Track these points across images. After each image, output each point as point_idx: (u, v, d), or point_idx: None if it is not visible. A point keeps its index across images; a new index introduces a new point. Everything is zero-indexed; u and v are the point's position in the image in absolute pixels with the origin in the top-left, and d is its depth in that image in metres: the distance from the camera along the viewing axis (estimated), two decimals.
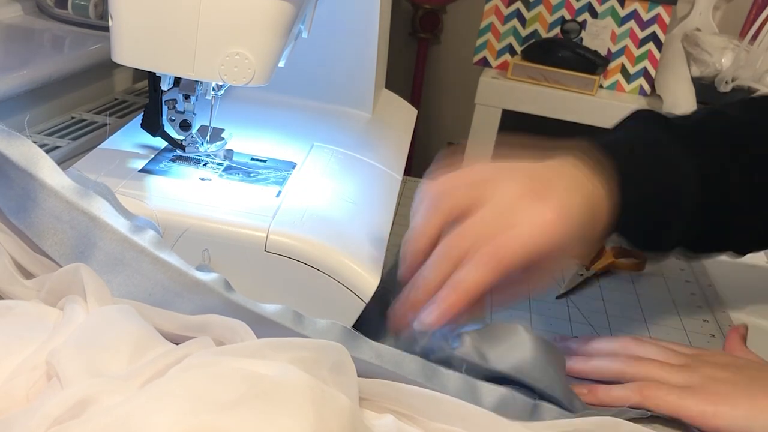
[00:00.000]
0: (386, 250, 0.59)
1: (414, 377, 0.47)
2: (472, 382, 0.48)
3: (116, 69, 0.99)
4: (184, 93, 0.62)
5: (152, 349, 0.43)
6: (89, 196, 0.49)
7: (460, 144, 1.85)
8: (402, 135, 0.83)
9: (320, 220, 0.56)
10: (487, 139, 1.55)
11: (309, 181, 0.63)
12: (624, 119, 0.64)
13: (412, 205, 0.54)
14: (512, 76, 1.52)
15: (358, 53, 0.78)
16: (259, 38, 0.55)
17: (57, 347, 0.41)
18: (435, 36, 1.97)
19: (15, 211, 0.50)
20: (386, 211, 0.64)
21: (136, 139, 0.65)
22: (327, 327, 0.47)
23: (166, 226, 0.53)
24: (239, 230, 0.53)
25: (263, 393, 0.38)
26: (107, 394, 0.38)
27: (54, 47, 0.94)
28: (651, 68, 1.53)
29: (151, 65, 0.56)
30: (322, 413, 0.38)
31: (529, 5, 1.57)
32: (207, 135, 0.64)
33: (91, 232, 0.48)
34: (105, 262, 0.48)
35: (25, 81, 0.80)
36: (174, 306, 0.48)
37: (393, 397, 0.46)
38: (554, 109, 1.50)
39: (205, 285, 0.47)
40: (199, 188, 0.59)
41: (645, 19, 1.53)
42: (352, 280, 0.53)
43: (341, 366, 0.43)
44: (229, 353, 0.42)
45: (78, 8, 0.99)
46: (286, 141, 0.70)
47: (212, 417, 0.36)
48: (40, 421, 0.36)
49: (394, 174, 0.71)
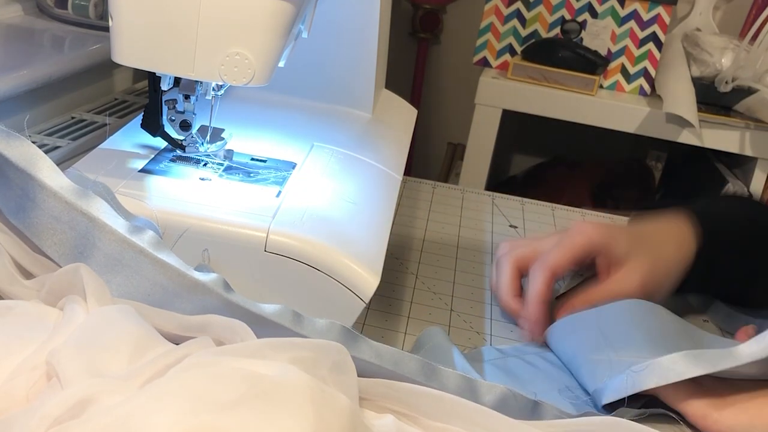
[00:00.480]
0: (386, 250, 0.59)
1: (413, 376, 0.47)
2: (471, 380, 0.48)
3: (116, 69, 0.99)
4: (184, 93, 0.62)
5: (152, 349, 0.43)
6: (88, 197, 0.49)
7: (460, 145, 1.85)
8: (402, 135, 0.83)
9: (320, 220, 0.56)
10: (487, 139, 1.55)
11: (309, 181, 0.63)
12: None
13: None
14: (512, 76, 1.52)
15: (358, 53, 0.78)
16: (259, 38, 0.55)
17: (57, 347, 0.41)
18: (435, 36, 1.97)
19: (14, 212, 0.50)
20: (386, 211, 0.64)
21: (136, 139, 0.65)
22: (326, 327, 0.47)
23: (166, 226, 0.53)
24: (239, 230, 0.53)
25: (263, 393, 0.38)
26: (107, 394, 0.38)
27: (54, 47, 0.94)
28: (651, 68, 1.53)
29: (151, 65, 0.56)
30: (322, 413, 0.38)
31: (529, 5, 1.57)
32: (207, 135, 0.64)
33: (90, 232, 0.48)
34: (104, 263, 0.48)
35: (25, 81, 0.80)
36: (173, 306, 0.48)
37: (393, 396, 0.46)
38: (554, 109, 1.50)
39: (204, 285, 0.47)
40: (199, 188, 0.59)
41: (645, 19, 1.53)
42: (352, 280, 0.53)
43: (341, 366, 0.43)
44: (229, 353, 0.42)
45: (78, 8, 0.99)
46: (286, 141, 0.70)
47: (212, 417, 0.36)
48: (40, 421, 0.36)
49: (394, 174, 0.71)
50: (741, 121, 1.44)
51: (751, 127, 1.44)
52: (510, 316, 0.67)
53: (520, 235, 0.85)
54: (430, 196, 0.92)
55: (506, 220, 0.88)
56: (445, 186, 0.96)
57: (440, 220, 0.86)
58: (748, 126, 1.44)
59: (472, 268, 0.76)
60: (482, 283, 0.73)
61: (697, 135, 1.44)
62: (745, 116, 1.45)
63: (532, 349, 0.62)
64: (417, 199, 0.91)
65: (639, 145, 1.86)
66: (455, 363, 0.55)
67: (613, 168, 1.77)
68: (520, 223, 0.88)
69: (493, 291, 0.69)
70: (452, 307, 0.69)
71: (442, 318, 0.67)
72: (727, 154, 1.49)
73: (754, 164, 1.47)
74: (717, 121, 1.44)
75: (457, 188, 0.95)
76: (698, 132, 1.43)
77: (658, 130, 1.47)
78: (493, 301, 0.70)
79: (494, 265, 0.69)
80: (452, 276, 0.74)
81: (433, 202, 0.90)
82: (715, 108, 1.46)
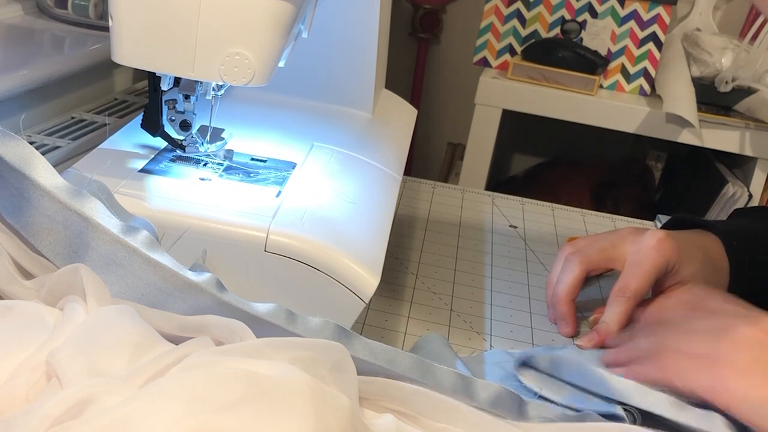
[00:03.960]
0: (386, 250, 0.59)
1: (408, 374, 0.47)
2: (466, 378, 0.48)
3: (116, 69, 0.99)
4: (184, 93, 0.62)
5: (152, 349, 0.43)
6: (82, 197, 0.49)
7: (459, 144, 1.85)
8: (402, 135, 0.83)
9: (320, 220, 0.56)
10: (487, 139, 1.55)
11: (309, 181, 0.63)
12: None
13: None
14: (512, 76, 1.52)
15: (358, 53, 0.78)
16: (259, 38, 0.55)
17: (57, 347, 0.41)
18: (435, 36, 1.97)
19: (11, 211, 0.50)
20: (386, 211, 0.64)
21: (136, 139, 0.65)
22: (320, 325, 0.47)
23: (166, 226, 0.53)
24: (239, 230, 0.53)
25: (263, 393, 0.38)
26: (107, 394, 0.38)
27: (54, 47, 0.94)
28: (651, 68, 1.53)
29: (151, 65, 0.56)
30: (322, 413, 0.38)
31: (529, 5, 1.57)
32: (207, 135, 0.64)
33: (84, 232, 0.49)
34: (98, 263, 0.48)
35: (25, 81, 0.80)
36: (167, 306, 0.48)
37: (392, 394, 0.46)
38: (554, 109, 1.50)
39: (198, 285, 0.47)
40: (199, 188, 0.59)
41: (645, 19, 1.52)
42: (352, 280, 0.53)
43: (341, 365, 0.44)
44: (228, 353, 0.42)
45: (78, 8, 0.99)
46: (286, 141, 0.70)
47: (212, 417, 0.36)
48: (40, 421, 0.36)
49: (394, 174, 0.71)
50: (741, 121, 1.44)
51: (751, 127, 1.44)
52: (553, 314, 0.67)
53: (520, 235, 0.85)
54: (430, 196, 0.92)
55: (506, 220, 0.88)
56: (445, 186, 0.96)
57: (440, 220, 0.86)
58: (748, 126, 1.44)
59: (472, 268, 0.76)
60: (482, 283, 0.73)
61: (697, 135, 1.44)
62: (745, 116, 1.45)
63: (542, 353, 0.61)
64: (417, 199, 0.91)
65: (639, 145, 1.86)
66: (456, 367, 0.55)
67: (613, 168, 1.77)
68: (520, 223, 0.88)
69: (549, 285, 0.68)
70: (452, 307, 0.69)
71: (442, 318, 0.67)
72: (727, 154, 1.49)
73: (754, 164, 1.47)
74: (717, 121, 1.44)
75: (457, 188, 0.95)
76: (698, 132, 1.43)
77: (658, 130, 1.47)
78: (493, 301, 0.70)
79: (558, 261, 0.67)
80: (452, 276, 0.74)
81: (433, 202, 0.90)
82: (715, 108, 1.46)
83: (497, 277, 0.75)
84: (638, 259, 0.63)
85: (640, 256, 0.63)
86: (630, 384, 0.51)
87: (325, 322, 0.47)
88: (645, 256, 0.62)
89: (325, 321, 0.47)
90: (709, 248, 0.67)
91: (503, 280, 0.74)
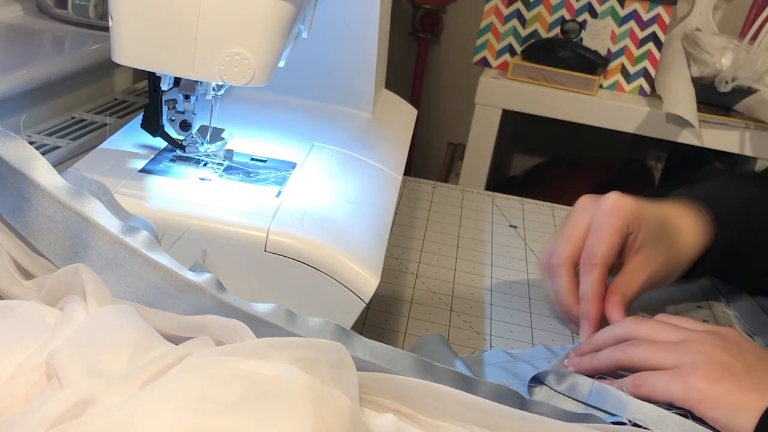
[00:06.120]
0: (386, 250, 0.59)
1: (408, 373, 0.47)
2: (466, 377, 0.48)
3: (116, 69, 0.99)
4: (184, 93, 0.62)
5: (152, 349, 0.43)
6: (82, 197, 0.49)
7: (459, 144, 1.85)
8: (402, 135, 0.83)
9: (320, 220, 0.56)
10: (487, 139, 1.55)
11: (309, 181, 0.63)
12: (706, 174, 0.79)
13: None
14: (512, 76, 1.52)
15: (358, 53, 0.78)
16: (259, 38, 0.55)
17: (57, 347, 0.41)
18: (435, 36, 1.97)
19: (11, 211, 0.50)
20: (386, 211, 0.64)
21: (136, 139, 0.65)
22: (320, 325, 0.47)
23: (166, 226, 0.53)
24: (239, 230, 0.53)
25: (263, 393, 0.38)
26: (107, 394, 0.38)
27: (54, 47, 0.94)
28: (651, 68, 1.53)
29: (151, 65, 0.56)
30: (322, 413, 0.38)
31: (529, 5, 1.57)
32: (207, 135, 0.64)
33: (83, 232, 0.49)
34: (98, 263, 0.48)
35: (25, 81, 0.80)
36: (166, 306, 0.48)
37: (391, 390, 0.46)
38: (554, 109, 1.50)
39: (197, 285, 0.47)
40: (199, 188, 0.59)
41: (645, 19, 1.52)
42: (352, 280, 0.53)
43: (341, 365, 0.43)
44: (228, 353, 0.42)
45: (78, 8, 0.99)
46: (286, 141, 0.70)
47: (212, 418, 0.36)
48: (40, 421, 0.36)
49: (394, 174, 0.71)
50: (741, 121, 1.44)
51: (750, 127, 1.44)
52: (569, 320, 0.66)
53: (520, 235, 0.85)
54: (430, 196, 0.92)
55: (506, 220, 0.88)
56: (445, 186, 0.96)
57: (440, 220, 0.86)
58: (748, 126, 1.44)
59: (472, 268, 0.76)
60: (482, 283, 0.73)
61: (697, 135, 1.44)
62: (745, 116, 1.45)
63: (541, 354, 0.62)
64: (417, 199, 0.91)
65: (639, 145, 1.86)
66: (456, 367, 0.55)
67: (613, 168, 1.77)
68: (520, 223, 0.88)
69: (551, 302, 0.68)
70: (452, 307, 0.69)
71: (442, 318, 0.67)
72: (727, 154, 1.49)
73: (753, 164, 1.47)
74: (717, 121, 1.44)
75: (457, 188, 0.95)
76: (698, 132, 1.43)
77: (658, 130, 1.47)
78: (493, 300, 0.70)
79: (546, 275, 0.67)
80: (452, 276, 0.74)
81: (433, 202, 0.90)
82: (715, 108, 1.46)
83: (497, 277, 0.75)
84: (598, 223, 0.63)
85: (600, 220, 0.63)
86: (647, 407, 0.51)
87: (325, 322, 0.47)
88: (604, 220, 0.63)
89: (325, 321, 0.47)
90: (679, 220, 0.66)
91: (503, 280, 0.74)
